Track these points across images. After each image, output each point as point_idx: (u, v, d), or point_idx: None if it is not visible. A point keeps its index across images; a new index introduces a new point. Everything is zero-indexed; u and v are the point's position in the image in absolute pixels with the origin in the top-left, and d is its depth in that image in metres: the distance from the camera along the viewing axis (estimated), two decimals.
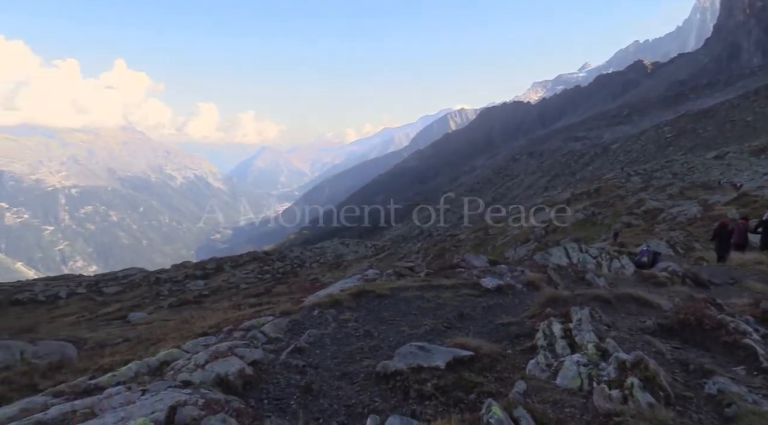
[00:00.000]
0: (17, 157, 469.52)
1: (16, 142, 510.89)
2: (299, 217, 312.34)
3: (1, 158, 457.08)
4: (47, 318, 28.72)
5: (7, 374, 7.69)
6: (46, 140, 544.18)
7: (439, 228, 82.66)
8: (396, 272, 11.92)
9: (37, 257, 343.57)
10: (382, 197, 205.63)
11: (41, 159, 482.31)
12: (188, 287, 34.92)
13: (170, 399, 3.94)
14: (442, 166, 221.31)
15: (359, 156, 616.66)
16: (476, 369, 5.47)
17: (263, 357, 5.82)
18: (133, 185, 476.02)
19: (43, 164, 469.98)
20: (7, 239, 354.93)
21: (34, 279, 45.88)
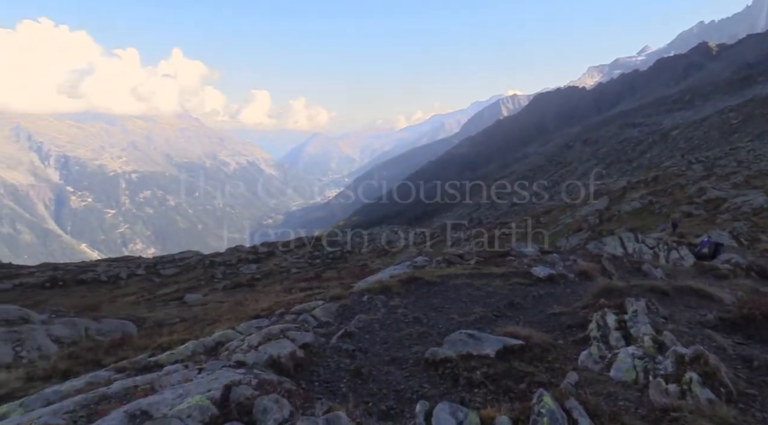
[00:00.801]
0: (81, 143, 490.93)
1: (80, 128, 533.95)
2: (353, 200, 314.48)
3: (66, 144, 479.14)
4: (109, 298, 30.05)
5: (74, 349, 8.11)
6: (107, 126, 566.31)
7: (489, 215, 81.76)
8: (445, 260, 11.88)
9: (100, 239, 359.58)
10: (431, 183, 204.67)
11: (103, 145, 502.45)
12: (241, 270, 35.80)
13: (225, 379, 4.06)
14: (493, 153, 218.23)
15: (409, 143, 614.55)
16: (527, 358, 5.40)
17: (314, 341, 5.92)
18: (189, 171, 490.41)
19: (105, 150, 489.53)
20: (73, 222, 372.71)
21: (97, 260, 48.03)
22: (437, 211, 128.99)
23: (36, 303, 23.64)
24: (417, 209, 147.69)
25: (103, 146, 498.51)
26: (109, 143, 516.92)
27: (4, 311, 15.39)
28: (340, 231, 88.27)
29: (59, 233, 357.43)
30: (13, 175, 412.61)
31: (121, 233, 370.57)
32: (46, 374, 6.39)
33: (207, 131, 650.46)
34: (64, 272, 36.51)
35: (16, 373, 6.64)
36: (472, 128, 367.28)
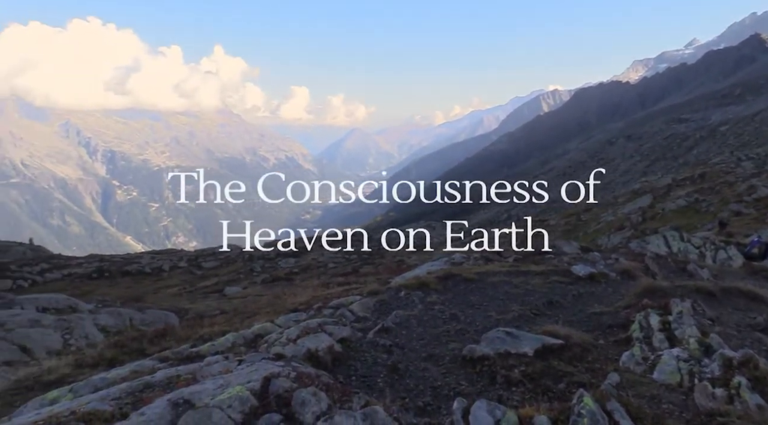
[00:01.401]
0: (127, 138, 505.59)
1: (126, 124, 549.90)
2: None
3: (113, 139, 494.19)
4: (152, 289, 30.90)
5: (120, 338, 8.38)
6: (152, 122, 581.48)
7: (527, 212, 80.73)
8: (483, 257, 11.79)
9: (144, 232, 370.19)
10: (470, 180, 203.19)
11: (148, 140, 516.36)
12: (279, 264, 36.28)
13: (264, 371, 4.13)
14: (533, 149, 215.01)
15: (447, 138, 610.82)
16: (566, 358, 5.32)
17: (351, 335, 5.96)
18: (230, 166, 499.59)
19: (150, 145, 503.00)
20: (118, 215, 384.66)
21: (141, 253, 49.42)
22: (475, 208, 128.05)
23: (83, 293, 24.47)
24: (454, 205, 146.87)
25: (147, 142, 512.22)
26: (153, 138, 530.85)
27: (54, 301, 15.99)
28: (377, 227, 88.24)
29: (106, 225, 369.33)
30: (62, 169, 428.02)
31: (164, 227, 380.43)
32: (94, 361, 6.62)
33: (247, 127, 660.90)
34: (110, 263, 37.70)
35: (66, 360, 6.90)
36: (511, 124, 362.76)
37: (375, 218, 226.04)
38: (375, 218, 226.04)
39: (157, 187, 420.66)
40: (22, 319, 12.62)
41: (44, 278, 33.24)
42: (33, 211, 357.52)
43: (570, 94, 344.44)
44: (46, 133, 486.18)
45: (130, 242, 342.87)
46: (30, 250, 43.58)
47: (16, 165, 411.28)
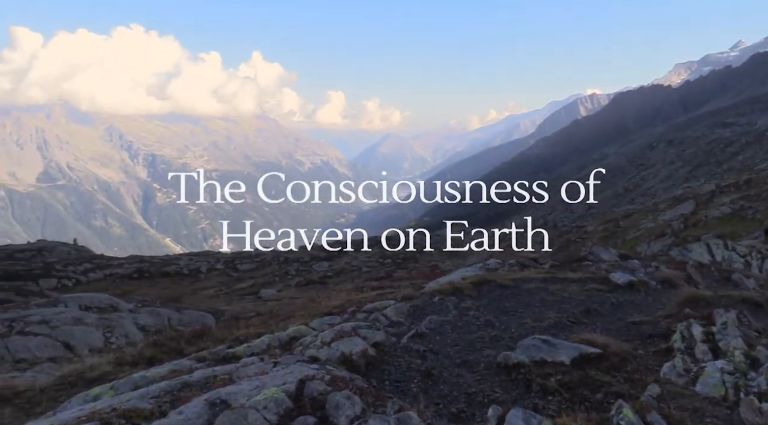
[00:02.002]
0: (167, 142, 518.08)
1: (166, 129, 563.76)
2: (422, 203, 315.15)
3: (154, 143, 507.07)
4: (190, 290, 31.51)
5: (158, 337, 8.56)
6: (191, 126, 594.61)
7: (564, 218, 79.46)
8: (519, 263, 11.65)
9: (183, 234, 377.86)
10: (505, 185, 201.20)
11: (187, 144, 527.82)
12: (314, 268, 36.56)
13: (299, 373, 4.16)
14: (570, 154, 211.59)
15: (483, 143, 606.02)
16: (604, 367, 5.21)
17: (385, 340, 5.96)
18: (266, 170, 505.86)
19: (189, 149, 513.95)
20: (158, 217, 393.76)
21: (180, 254, 50.45)
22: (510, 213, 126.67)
23: (124, 293, 25.08)
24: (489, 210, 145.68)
25: (187, 146, 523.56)
26: (192, 142, 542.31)
27: (97, 300, 16.44)
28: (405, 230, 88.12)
29: (146, 227, 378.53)
30: (106, 172, 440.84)
31: (202, 229, 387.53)
32: (134, 360, 6.78)
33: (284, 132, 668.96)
34: (150, 264, 38.60)
35: (107, 358, 7.09)
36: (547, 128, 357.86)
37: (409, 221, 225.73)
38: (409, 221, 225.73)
39: (195, 190, 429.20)
40: (66, 317, 13.01)
41: (87, 277, 34.25)
42: (78, 212, 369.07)
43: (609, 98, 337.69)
44: (91, 137, 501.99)
45: (169, 243, 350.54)
46: (74, 250, 45.00)
47: (63, 168, 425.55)
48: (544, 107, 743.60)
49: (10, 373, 8.12)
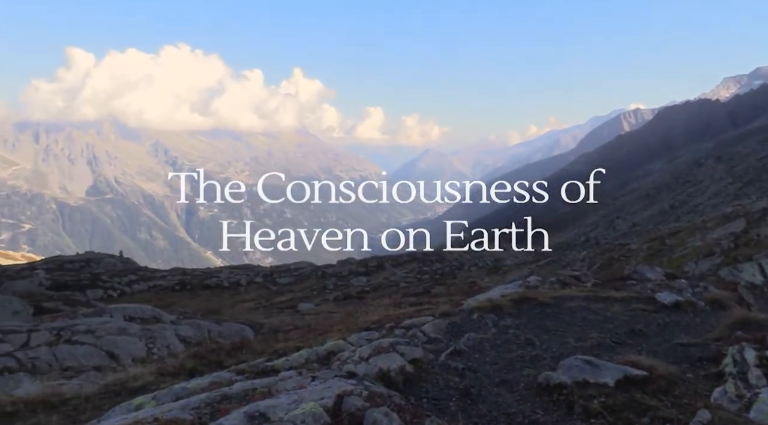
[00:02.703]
0: (210, 157, 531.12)
1: (209, 144, 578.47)
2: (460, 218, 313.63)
3: (197, 158, 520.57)
4: (230, 303, 31.98)
5: (199, 349, 8.69)
6: (233, 142, 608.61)
7: (607, 236, 77.67)
8: (560, 281, 11.42)
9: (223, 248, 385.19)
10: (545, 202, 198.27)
11: (229, 159, 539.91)
12: (352, 282, 36.66)
13: (337, 388, 4.15)
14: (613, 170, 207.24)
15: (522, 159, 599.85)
16: (650, 390, 5.03)
17: (423, 356, 5.90)
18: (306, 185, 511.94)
19: (231, 164, 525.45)
20: (200, 231, 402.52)
21: (221, 267, 51.34)
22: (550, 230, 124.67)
23: (167, 305, 25.61)
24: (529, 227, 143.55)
25: (229, 161, 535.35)
26: (234, 157, 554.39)
27: (140, 311, 16.83)
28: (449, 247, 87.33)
29: (188, 240, 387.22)
30: (151, 186, 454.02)
31: (242, 243, 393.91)
32: (175, 371, 6.90)
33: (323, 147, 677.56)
34: (192, 277, 39.39)
35: (150, 368, 7.23)
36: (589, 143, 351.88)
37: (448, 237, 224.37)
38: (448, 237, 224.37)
39: (236, 204, 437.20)
40: (111, 327, 13.35)
41: (132, 289, 35.17)
42: (124, 225, 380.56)
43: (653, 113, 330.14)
44: (137, 152, 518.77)
45: (210, 256, 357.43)
46: (120, 262, 46.30)
47: (110, 182, 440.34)
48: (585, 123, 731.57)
49: (58, 381, 8.36)
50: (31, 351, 11.08)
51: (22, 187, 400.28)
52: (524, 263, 40.62)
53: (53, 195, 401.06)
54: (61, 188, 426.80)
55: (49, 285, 32.25)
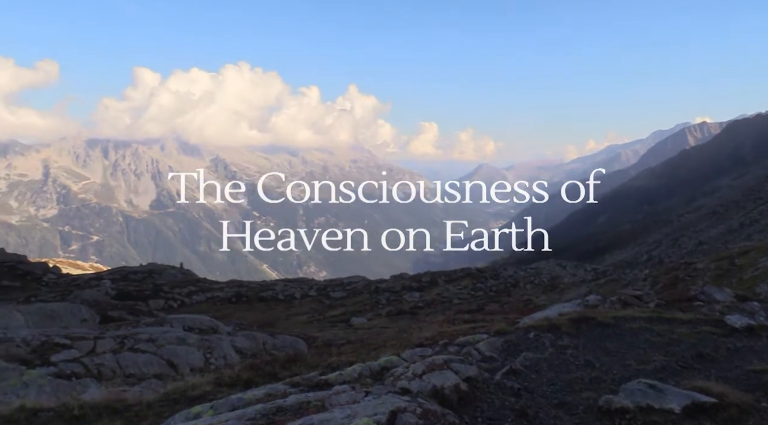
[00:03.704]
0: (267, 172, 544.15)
1: (267, 159, 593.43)
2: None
3: (255, 173, 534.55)
4: (284, 315, 32.45)
5: (254, 361, 8.83)
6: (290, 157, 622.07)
7: (671, 254, 74.64)
8: (621, 300, 11.02)
9: (279, 261, 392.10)
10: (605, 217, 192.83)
11: (285, 174, 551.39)
12: (404, 297, 36.54)
13: (391, 404, 4.12)
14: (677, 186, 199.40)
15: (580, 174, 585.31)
16: (720, 419, 4.77)
17: (478, 375, 5.79)
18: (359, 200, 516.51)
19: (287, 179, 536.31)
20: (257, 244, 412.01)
21: (276, 280, 52.28)
22: (610, 247, 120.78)
23: (223, 316, 26.23)
24: (587, 244, 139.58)
25: (285, 176, 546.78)
26: (290, 172, 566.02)
27: (199, 321, 17.29)
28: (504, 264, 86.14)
29: (245, 253, 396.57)
30: (210, 200, 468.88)
31: (297, 256, 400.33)
32: (232, 381, 7.03)
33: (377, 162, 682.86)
34: (248, 289, 40.24)
35: (207, 377, 7.40)
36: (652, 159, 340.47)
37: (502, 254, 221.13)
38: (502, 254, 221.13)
39: (292, 218, 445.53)
40: (171, 336, 13.76)
41: (191, 300, 36.22)
42: (185, 238, 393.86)
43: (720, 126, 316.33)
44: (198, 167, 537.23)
45: (266, 269, 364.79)
46: (180, 273, 47.86)
47: (173, 196, 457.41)
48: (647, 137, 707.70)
49: (121, 387, 8.67)
50: (97, 358, 11.53)
51: (92, 200, 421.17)
52: (582, 281, 39.47)
53: (120, 208, 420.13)
54: (127, 202, 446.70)
55: (115, 295, 33.63)
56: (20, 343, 12.02)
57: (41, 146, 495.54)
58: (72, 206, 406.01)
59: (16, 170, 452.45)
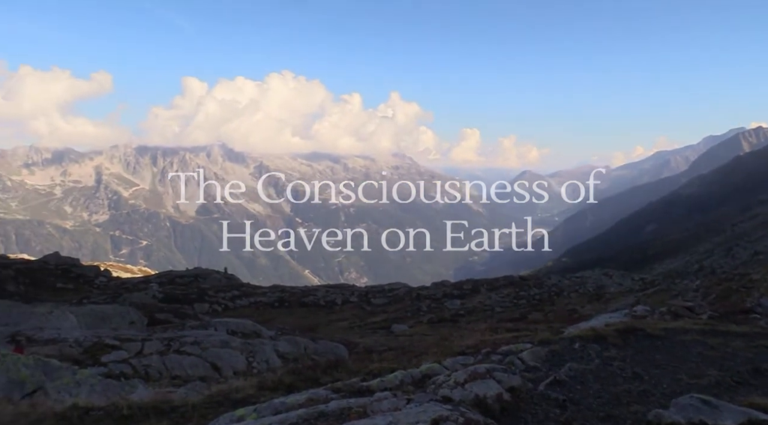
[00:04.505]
0: (310, 179, 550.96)
1: (309, 166, 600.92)
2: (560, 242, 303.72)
3: (298, 180, 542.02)
4: (325, 321, 32.68)
5: (296, 366, 8.91)
6: (332, 164, 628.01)
7: (723, 264, 71.87)
8: (671, 312, 10.66)
9: (320, 267, 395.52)
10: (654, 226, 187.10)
11: (327, 181, 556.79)
12: (445, 305, 36.29)
13: (433, 412, 4.08)
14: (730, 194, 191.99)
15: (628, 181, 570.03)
16: None
17: (521, 385, 5.68)
18: (401, 207, 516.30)
19: (329, 186, 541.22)
20: (299, 249, 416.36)
21: (317, 286, 52.72)
22: (658, 256, 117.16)
23: (266, 320, 26.56)
24: (634, 253, 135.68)
25: (327, 182, 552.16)
26: (332, 179, 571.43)
27: (242, 326, 17.57)
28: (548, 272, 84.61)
29: (287, 259, 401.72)
30: (254, 206, 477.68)
31: (339, 262, 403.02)
32: (274, 385, 7.10)
33: (419, 169, 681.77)
34: (290, 294, 40.70)
35: (250, 381, 7.49)
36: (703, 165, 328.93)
37: (546, 263, 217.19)
38: (546, 263, 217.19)
39: (333, 224, 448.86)
40: (215, 340, 14.03)
41: (234, 304, 36.87)
42: (229, 243, 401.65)
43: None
44: (243, 174, 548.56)
45: (308, 275, 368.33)
46: (225, 278, 48.81)
47: (218, 202, 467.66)
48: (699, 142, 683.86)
49: (167, 388, 8.87)
50: (144, 359, 11.86)
51: (141, 206, 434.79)
52: (629, 291, 38.37)
53: (167, 214, 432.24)
54: (174, 208, 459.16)
55: (162, 298, 34.54)
56: (73, 344, 12.47)
57: (94, 154, 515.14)
58: (122, 212, 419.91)
59: (71, 177, 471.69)
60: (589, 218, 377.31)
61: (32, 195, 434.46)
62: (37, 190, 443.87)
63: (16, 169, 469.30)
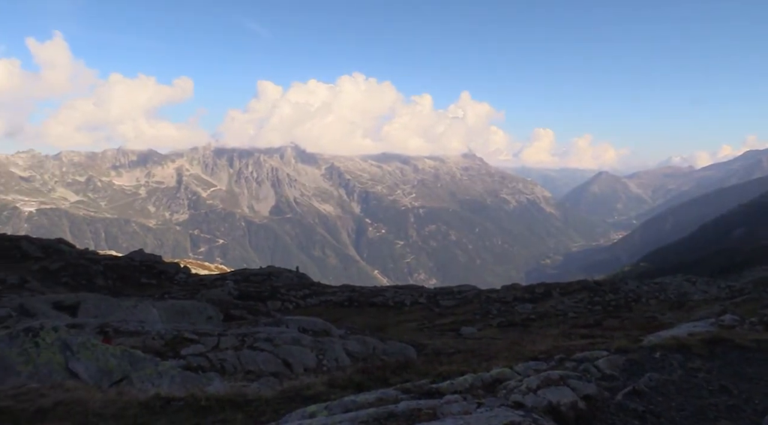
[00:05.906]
0: (379, 180, 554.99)
1: (379, 168, 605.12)
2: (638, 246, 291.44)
3: (368, 181, 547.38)
4: (394, 321, 32.78)
5: (366, 365, 8.97)
6: (401, 165, 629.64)
7: None
8: (763, 322, 9.97)
9: (389, 267, 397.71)
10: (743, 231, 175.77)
11: (397, 182, 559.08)
12: (516, 309, 35.56)
13: (504, 418, 3.99)
14: None
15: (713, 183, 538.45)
16: None
17: (597, 393, 5.47)
18: (471, 208, 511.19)
19: (399, 187, 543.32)
20: (368, 250, 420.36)
21: (386, 286, 53.02)
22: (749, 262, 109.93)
23: (335, 319, 26.95)
24: (721, 258, 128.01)
25: (396, 183, 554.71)
26: (402, 180, 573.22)
27: (313, 324, 17.90)
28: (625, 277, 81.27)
29: (357, 259, 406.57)
30: (325, 207, 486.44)
31: (408, 263, 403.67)
32: (344, 383, 7.17)
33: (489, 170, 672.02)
34: (359, 294, 41.13)
35: (321, 378, 7.61)
36: None
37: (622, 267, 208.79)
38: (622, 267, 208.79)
39: (403, 226, 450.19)
40: (287, 337, 14.36)
41: (305, 302, 37.67)
42: (300, 243, 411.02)
43: None
44: (314, 175, 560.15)
45: (377, 275, 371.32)
46: (296, 277, 50.00)
47: (290, 203, 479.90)
48: None
49: (241, 382, 9.16)
50: (220, 353, 12.30)
51: (218, 206, 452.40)
52: (715, 299, 36.20)
53: (243, 214, 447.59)
54: (249, 208, 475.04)
55: (237, 295, 35.81)
56: (155, 336, 13.12)
57: (175, 156, 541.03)
58: (201, 212, 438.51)
59: (154, 178, 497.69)
60: (669, 221, 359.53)
61: (119, 195, 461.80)
62: (123, 190, 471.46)
63: (105, 170, 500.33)
